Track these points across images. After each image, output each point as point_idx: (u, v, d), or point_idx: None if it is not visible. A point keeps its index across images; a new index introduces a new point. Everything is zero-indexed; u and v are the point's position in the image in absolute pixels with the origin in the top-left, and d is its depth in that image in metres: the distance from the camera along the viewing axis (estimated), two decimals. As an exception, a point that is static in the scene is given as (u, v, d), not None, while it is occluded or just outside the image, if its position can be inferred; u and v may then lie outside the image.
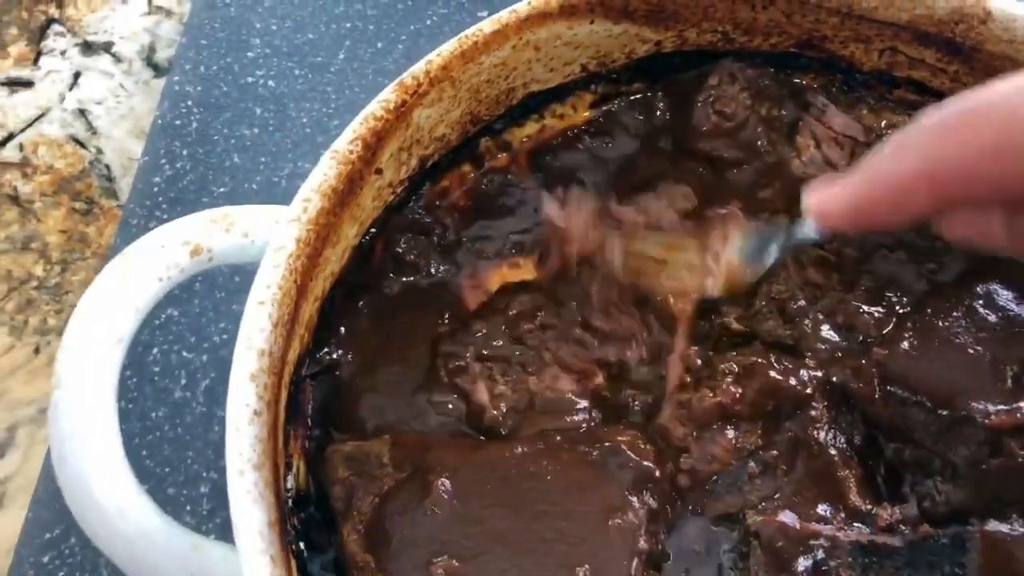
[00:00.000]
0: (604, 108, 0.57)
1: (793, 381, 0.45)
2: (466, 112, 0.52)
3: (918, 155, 0.35)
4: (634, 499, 0.41)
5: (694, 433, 0.45)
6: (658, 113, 0.56)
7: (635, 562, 0.40)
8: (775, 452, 0.44)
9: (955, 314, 0.46)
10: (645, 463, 0.42)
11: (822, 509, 0.42)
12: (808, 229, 0.41)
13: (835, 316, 0.48)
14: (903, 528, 0.41)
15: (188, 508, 0.55)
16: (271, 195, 0.66)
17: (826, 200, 0.38)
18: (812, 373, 0.46)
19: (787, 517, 0.42)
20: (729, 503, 0.44)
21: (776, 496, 0.43)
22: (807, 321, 0.48)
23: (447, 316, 0.50)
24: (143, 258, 0.42)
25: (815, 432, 0.44)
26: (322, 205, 0.43)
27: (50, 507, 0.55)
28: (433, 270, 0.52)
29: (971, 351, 0.45)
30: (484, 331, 0.48)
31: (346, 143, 0.45)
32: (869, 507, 0.42)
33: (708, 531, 0.44)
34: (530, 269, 0.52)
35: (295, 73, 0.73)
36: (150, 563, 0.39)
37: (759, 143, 0.54)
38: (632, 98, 0.57)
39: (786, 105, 0.55)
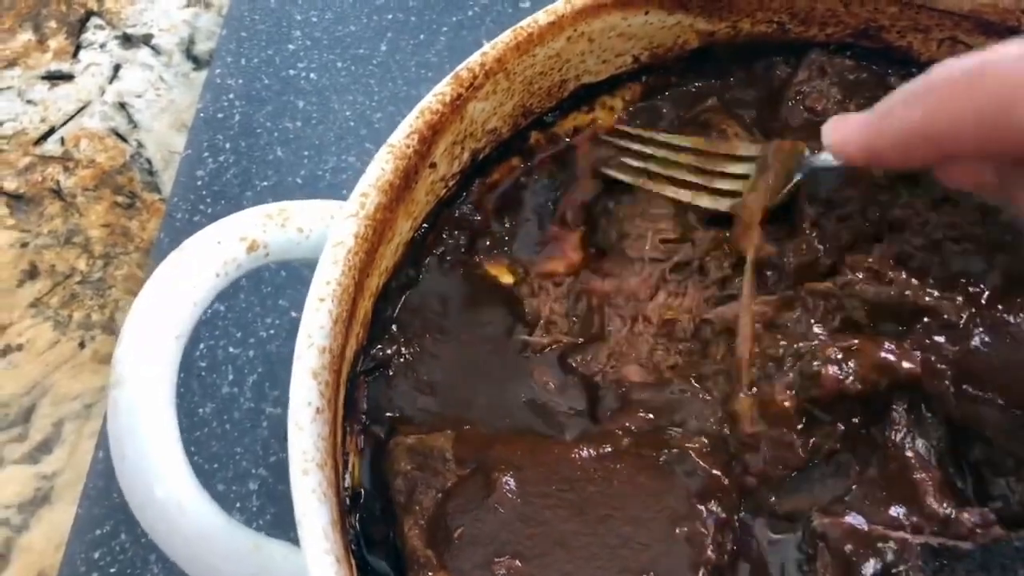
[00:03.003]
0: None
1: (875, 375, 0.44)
2: (518, 105, 0.52)
3: (921, 112, 0.37)
4: (702, 508, 0.40)
5: (764, 433, 0.44)
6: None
7: (701, 573, 0.39)
8: (850, 453, 0.43)
9: None
10: (714, 471, 0.41)
11: (894, 512, 0.41)
12: (827, 158, 0.45)
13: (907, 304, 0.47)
14: (979, 531, 0.40)
15: (238, 505, 0.54)
16: (315, 189, 0.66)
17: (843, 137, 0.41)
18: (900, 363, 0.45)
19: (855, 519, 0.41)
20: (798, 502, 0.43)
21: (846, 497, 0.42)
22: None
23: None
24: (200, 253, 0.41)
25: (893, 435, 0.43)
26: (379, 200, 0.43)
27: (100, 503, 0.54)
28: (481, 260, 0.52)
29: None
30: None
31: (402, 137, 0.44)
32: (948, 511, 0.41)
33: (772, 531, 0.43)
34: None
35: (337, 66, 0.73)
36: (210, 561, 0.38)
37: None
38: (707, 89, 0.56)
39: (872, 95, 0.54)
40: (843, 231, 0.51)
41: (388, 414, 0.46)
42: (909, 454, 0.43)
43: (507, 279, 0.51)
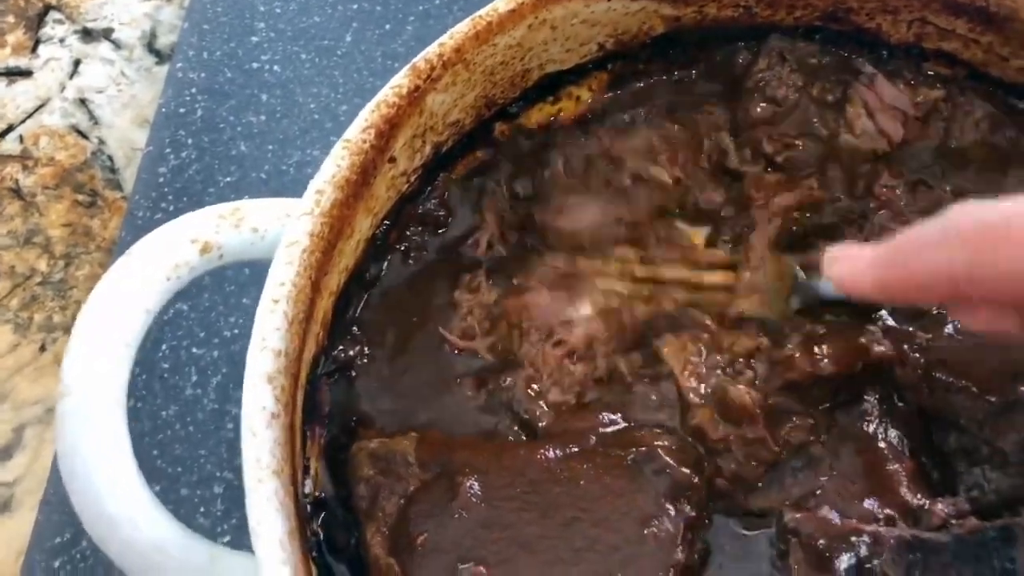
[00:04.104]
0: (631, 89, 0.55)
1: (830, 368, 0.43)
2: (480, 96, 0.50)
3: (948, 255, 0.36)
4: (671, 507, 0.40)
5: (732, 434, 0.43)
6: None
7: (671, 574, 0.38)
8: (821, 446, 0.42)
9: None
10: (683, 469, 0.40)
11: (868, 504, 0.40)
12: (828, 288, 0.43)
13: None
14: (953, 522, 0.40)
15: (202, 509, 0.53)
16: (280, 184, 0.65)
17: (852, 273, 0.40)
18: (872, 345, 0.44)
19: (827, 513, 0.40)
20: (770, 499, 0.42)
21: (818, 492, 0.41)
22: None
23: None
24: (150, 257, 0.40)
25: (865, 425, 0.42)
26: (336, 197, 0.41)
27: (60, 511, 0.53)
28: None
29: None
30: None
31: (359, 131, 0.43)
32: (922, 502, 0.40)
33: (745, 528, 0.42)
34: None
35: (301, 57, 0.71)
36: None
37: (811, 125, 0.52)
38: (673, 79, 0.55)
39: (837, 79, 0.53)
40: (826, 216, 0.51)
41: (351, 417, 0.45)
42: (882, 445, 0.42)
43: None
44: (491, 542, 0.38)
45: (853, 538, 0.40)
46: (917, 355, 0.44)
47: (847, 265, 0.40)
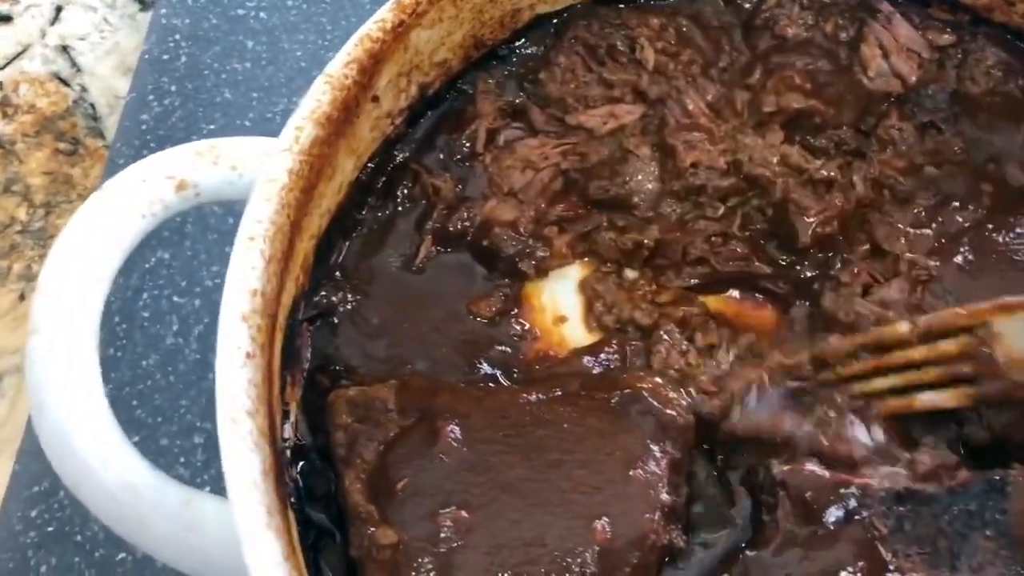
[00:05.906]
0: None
1: None
2: (468, 35, 0.49)
3: None
4: (656, 448, 0.38)
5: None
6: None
7: (657, 515, 0.37)
8: (814, 396, 0.41)
9: (1018, 229, 0.43)
10: (668, 411, 0.39)
11: (857, 452, 0.39)
12: None
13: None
14: (944, 474, 0.39)
15: (182, 459, 0.52)
16: (265, 132, 0.61)
17: None
18: None
19: (815, 465, 0.39)
20: (749, 427, 0.41)
21: (806, 428, 0.40)
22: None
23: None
24: (124, 194, 0.38)
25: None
26: (316, 134, 0.40)
27: (38, 460, 0.52)
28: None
29: None
30: None
31: (341, 66, 0.42)
32: (908, 456, 0.39)
33: (728, 467, 0.41)
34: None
35: (288, 3, 0.70)
36: (137, 519, 0.36)
37: (822, 64, 0.51)
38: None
39: (852, 16, 0.52)
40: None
41: (333, 364, 0.44)
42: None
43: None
44: (473, 486, 0.37)
45: (842, 490, 0.39)
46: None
47: None
